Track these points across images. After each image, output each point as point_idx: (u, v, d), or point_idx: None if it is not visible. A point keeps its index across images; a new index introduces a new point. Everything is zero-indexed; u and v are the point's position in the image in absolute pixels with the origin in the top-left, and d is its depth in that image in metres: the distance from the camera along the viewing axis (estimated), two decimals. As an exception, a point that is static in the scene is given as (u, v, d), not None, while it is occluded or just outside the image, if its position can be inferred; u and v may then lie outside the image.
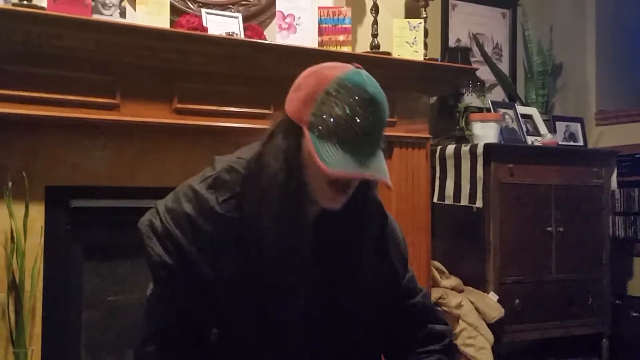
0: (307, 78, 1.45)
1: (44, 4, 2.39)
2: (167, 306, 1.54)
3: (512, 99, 4.30)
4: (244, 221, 1.47)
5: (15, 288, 2.32)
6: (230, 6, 3.00)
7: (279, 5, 2.93)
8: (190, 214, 1.51)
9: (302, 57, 2.75)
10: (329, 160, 1.35)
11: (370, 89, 1.40)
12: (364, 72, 1.43)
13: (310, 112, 1.39)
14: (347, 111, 1.37)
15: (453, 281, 3.47)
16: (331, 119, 1.37)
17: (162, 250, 1.51)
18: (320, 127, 1.38)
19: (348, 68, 1.42)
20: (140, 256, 1.59)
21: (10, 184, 2.31)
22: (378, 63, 2.98)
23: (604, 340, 3.94)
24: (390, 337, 1.69)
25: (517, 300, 3.56)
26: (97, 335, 2.63)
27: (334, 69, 1.43)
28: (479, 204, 3.48)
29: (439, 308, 3.09)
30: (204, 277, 1.50)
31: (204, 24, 2.75)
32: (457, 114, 3.92)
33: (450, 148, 3.63)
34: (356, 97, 1.38)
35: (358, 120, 1.37)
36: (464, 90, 3.97)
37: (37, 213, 2.41)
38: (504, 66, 4.42)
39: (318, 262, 1.53)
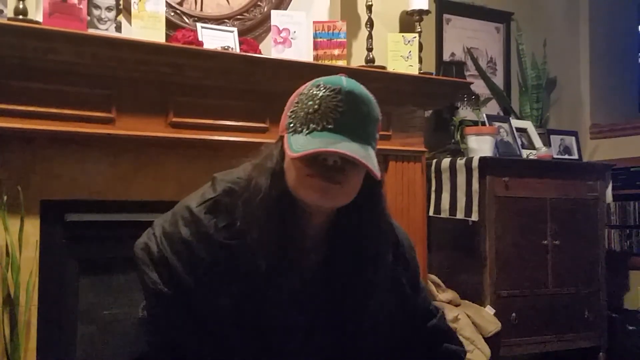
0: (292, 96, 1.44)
1: (40, 18, 2.39)
2: (159, 330, 1.50)
3: (507, 112, 4.32)
4: (242, 247, 1.42)
5: (10, 302, 2.31)
6: (226, 20, 3.01)
7: (274, 20, 2.95)
8: (187, 240, 1.46)
9: (297, 71, 2.76)
10: (297, 147, 1.32)
11: (347, 84, 1.35)
12: (346, 77, 1.39)
13: (287, 118, 1.39)
14: (318, 102, 1.34)
15: (449, 295, 3.46)
16: (303, 113, 1.35)
17: (158, 277, 1.48)
18: (294, 125, 1.36)
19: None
20: (135, 270, 1.58)
21: (5, 197, 2.30)
22: (373, 77, 2.99)
23: (600, 353, 3.93)
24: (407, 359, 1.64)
25: (513, 314, 3.56)
26: (93, 349, 2.61)
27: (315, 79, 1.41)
28: (474, 217, 3.48)
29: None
30: (199, 305, 1.46)
31: (200, 38, 2.76)
32: (452, 127, 3.93)
33: (446, 161, 3.63)
34: (329, 90, 1.34)
35: (329, 108, 1.33)
36: (459, 104, 3.98)
37: (33, 227, 2.41)
38: (499, 80, 4.44)
39: (327, 282, 1.48)
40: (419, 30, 3.28)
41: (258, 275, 1.41)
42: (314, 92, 1.36)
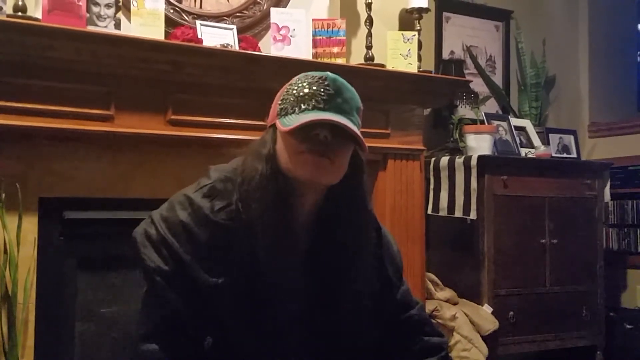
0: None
1: (39, 15, 2.39)
2: (162, 308, 1.53)
3: (506, 111, 4.32)
4: (239, 229, 1.48)
5: (7, 300, 2.30)
6: (225, 18, 3.01)
7: (274, 17, 2.94)
8: (185, 222, 1.52)
9: (297, 69, 2.73)
10: (290, 122, 1.42)
11: (330, 74, 1.48)
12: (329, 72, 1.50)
13: (277, 105, 1.50)
14: (307, 86, 1.45)
15: (447, 293, 3.46)
16: (292, 97, 1.45)
17: (157, 256, 1.52)
18: (284, 109, 1.46)
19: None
20: (134, 268, 1.58)
21: (3, 195, 2.30)
22: (372, 75, 2.99)
23: (598, 352, 3.93)
24: (386, 350, 1.69)
25: (511, 313, 3.56)
26: (91, 347, 2.61)
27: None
28: (473, 215, 3.48)
29: (433, 320, 3.09)
30: (199, 285, 1.50)
31: (199, 36, 2.76)
32: (451, 125, 3.93)
33: (444, 160, 3.63)
34: (315, 78, 1.47)
35: (318, 91, 1.44)
36: (458, 102, 3.98)
37: (31, 224, 2.40)
38: (498, 78, 4.44)
39: (313, 271, 1.54)
40: (419, 28, 3.28)
41: (255, 254, 1.48)
42: (302, 80, 1.48)
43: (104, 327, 2.64)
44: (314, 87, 1.44)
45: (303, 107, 1.43)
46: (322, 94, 1.44)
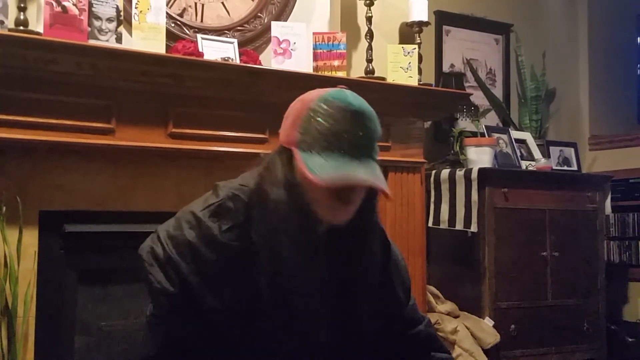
0: (293, 105, 1.47)
1: (40, 29, 2.39)
2: (167, 329, 1.52)
3: (506, 123, 4.33)
4: (251, 250, 1.45)
5: (7, 313, 2.30)
6: (226, 32, 3.02)
7: (275, 31, 2.95)
8: (192, 242, 1.48)
9: (297, 82, 2.76)
10: (318, 171, 1.36)
11: (355, 102, 1.42)
12: (348, 90, 1.45)
13: (297, 132, 1.42)
14: (331, 122, 1.38)
15: (448, 306, 3.45)
16: (316, 132, 1.39)
17: (164, 277, 1.49)
18: (306, 142, 1.40)
19: (332, 88, 1.45)
20: (134, 281, 1.58)
21: (4, 208, 2.30)
22: (373, 88, 2.99)
23: (599, 365, 3.93)
24: None
25: (512, 326, 3.55)
26: (90, 361, 2.61)
27: (318, 91, 1.45)
28: (474, 228, 3.48)
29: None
30: (206, 305, 1.48)
31: (200, 49, 2.76)
32: (452, 138, 3.93)
33: (445, 172, 3.63)
34: (340, 110, 1.40)
35: (343, 130, 1.38)
36: (458, 115, 3.99)
37: (31, 238, 2.40)
38: (498, 91, 4.45)
39: (324, 289, 1.51)
40: (419, 41, 3.29)
41: (263, 276, 1.45)
42: (325, 110, 1.40)
43: (104, 340, 2.63)
44: (337, 125, 1.38)
45: (326, 149, 1.37)
46: (347, 134, 1.38)
